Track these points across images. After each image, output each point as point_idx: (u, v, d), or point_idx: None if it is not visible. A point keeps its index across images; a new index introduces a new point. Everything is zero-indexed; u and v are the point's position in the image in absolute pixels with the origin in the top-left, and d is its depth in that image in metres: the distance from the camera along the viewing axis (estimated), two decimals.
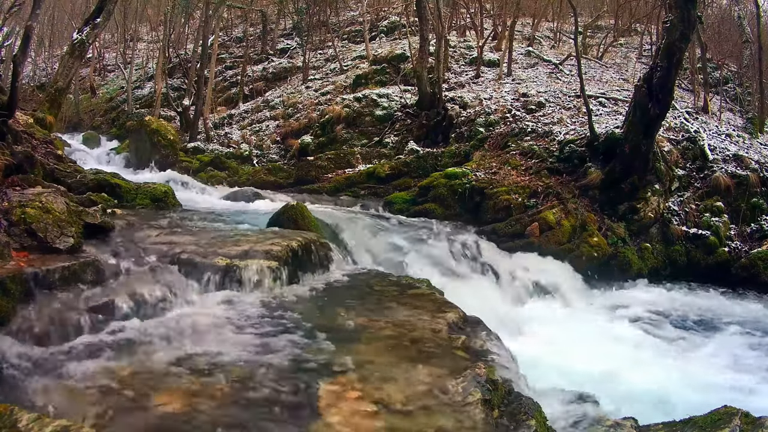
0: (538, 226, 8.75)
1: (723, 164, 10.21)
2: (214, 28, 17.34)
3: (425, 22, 13.07)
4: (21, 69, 6.94)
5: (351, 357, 3.39)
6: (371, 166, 12.03)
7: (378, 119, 13.14)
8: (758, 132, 12.27)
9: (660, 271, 9.24)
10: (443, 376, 3.19)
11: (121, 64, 24.05)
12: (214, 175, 12.39)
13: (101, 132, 18.81)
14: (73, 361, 3.13)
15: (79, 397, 2.79)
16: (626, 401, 4.64)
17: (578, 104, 11.87)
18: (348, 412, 2.80)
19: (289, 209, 6.45)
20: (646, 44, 17.49)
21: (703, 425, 3.37)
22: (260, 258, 4.63)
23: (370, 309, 4.31)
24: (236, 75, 18.95)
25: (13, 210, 4.08)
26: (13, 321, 3.29)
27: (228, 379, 3.04)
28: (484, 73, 14.77)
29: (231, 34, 23.46)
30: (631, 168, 9.21)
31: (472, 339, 3.89)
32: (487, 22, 18.37)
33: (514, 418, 3.00)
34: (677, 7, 8.45)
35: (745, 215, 9.61)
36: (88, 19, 9.39)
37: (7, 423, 2.20)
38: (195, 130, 14.65)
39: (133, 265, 4.29)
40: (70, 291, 3.67)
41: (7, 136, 5.84)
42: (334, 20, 21.24)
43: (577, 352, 5.75)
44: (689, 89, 14.60)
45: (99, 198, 6.16)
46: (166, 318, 3.81)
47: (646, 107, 8.77)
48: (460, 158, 11.36)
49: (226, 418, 2.71)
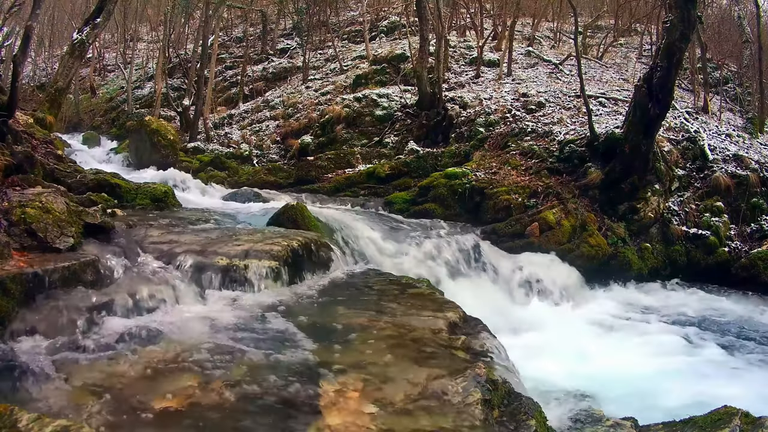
0: (538, 226, 8.75)
1: (723, 164, 10.20)
2: (214, 28, 17.34)
3: (425, 22, 13.07)
4: (21, 69, 6.94)
5: (351, 357, 3.39)
6: (371, 166, 12.02)
7: (378, 119, 13.14)
8: (758, 132, 12.26)
9: (660, 271, 9.23)
10: (443, 376, 3.19)
11: (121, 64, 24.06)
12: (214, 175, 12.38)
13: (101, 132, 18.83)
14: (73, 361, 3.14)
15: (79, 396, 2.79)
16: (626, 401, 4.65)
17: (578, 104, 11.87)
18: (348, 412, 2.81)
19: (289, 209, 6.45)
20: (646, 44, 17.49)
21: (703, 425, 3.37)
22: (260, 258, 4.64)
23: (370, 309, 4.31)
24: (236, 75, 18.96)
25: (13, 210, 4.08)
26: (14, 321, 3.29)
27: (228, 378, 3.04)
28: (484, 73, 14.77)
29: (231, 34, 23.47)
30: (631, 168, 9.21)
31: (472, 339, 3.89)
32: (487, 22, 18.37)
33: (514, 418, 3.00)
34: (677, 7, 8.45)
35: (745, 215, 9.60)
36: (88, 19, 9.40)
37: (7, 423, 2.19)
38: (195, 130, 14.65)
39: (133, 265, 4.29)
40: (70, 291, 3.67)
41: (7, 136, 5.85)
42: (334, 20, 21.24)
43: (577, 352, 5.77)
44: (689, 89, 14.60)
45: (99, 198, 6.17)
46: (166, 318, 3.82)
47: (646, 107, 8.77)
48: (460, 158, 11.36)
49: (227, 418, 2.71)
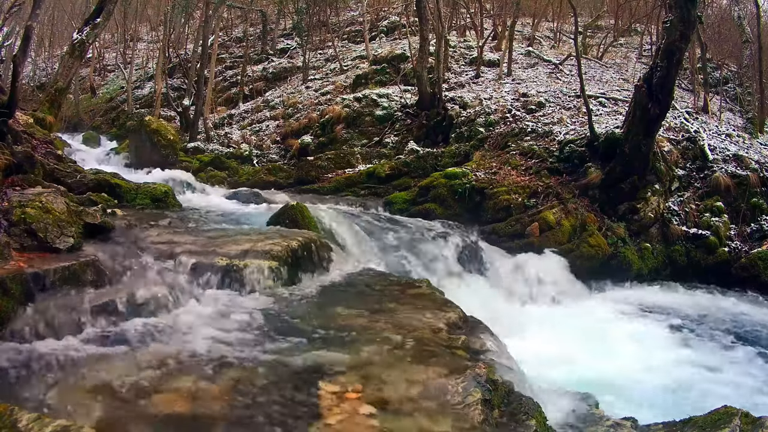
0: (538, 226, 8.74)
1: (723, 164, 10.19)
2: (214, 28, 17.33)
3: (425, 22, 13.07)
4: (21, 69, 6.94)
5: (351, 357, 3.39)
6: (371, 166, 12.02)
7: (378, 119, 13.14)
8: (758, 132, 12.26)
9: (660, 271, 9.22)
10: (443, 376, 3.19)
11: (121, 64, 24.06)
12: (214, 175, 12.38)
13: (101, 132, 18.82)
14: (74, 361, 3.13)
15: (79, 396, 2.79)
16: (626, 401, 4.65)
17: (578, 104, 11.87)
18: (348, 412, 2.80)
19: (289, 209, 6.45)
20: (646, 44, 17.49)
21: (703, 425, 3.37)
22: (260, 258, 4.64)
23: (370, 309, 4.31)
24: (236, 75, 18.96)
25: (13, 210, 4.08)
26: (14, 321, 3.29)
27: (228, 379, 3.04)
28: (484, 73, 14.77)
29: (231, 34, 23.48)
30: (631, 168, 9.20)
31: (472, 339, 3.89)
32: (487, 22, 18.38)
33: (514, 418, 3.00)
34: (677, 7, 8.44)
35: (745, 215, 9.59)
36: (88, 19, 9.41)
37: (7, 423, 2.19)
38: (195, 130, 14.65)
39: (133, 265, 4.29)
40: (70, 291, 3.67)
41: (7, 136, 5.84)
42: (334, 20, 21.24)
43: (577, 352, 5.76)
44: (689, 89, 14.59)
45: (99, 198, 6.18)
46: (166, 318, 3.82)
47: (646, 107, 8.77)
48: (460, 158, 11.35)
49: (226, 419, 2.71)
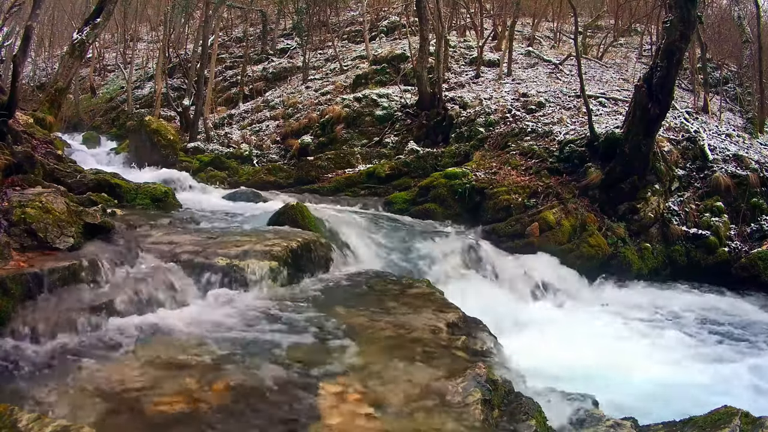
0: (538, 226, 8.74)
1: (723, 164, 10.19)
2: (214, 28, 17.33)
3: (425, 22, 13.07)
4: (21, 69, 6.94)
5: (351, 357, 3.39)
6: (371, 166, 12.02)
7: (378, 119, 13.13)
8: (758, 132, 12.25)
9: (660, 271, 9.22)
10: (443, 377, 3.19)
11: (121, 64, 24.05)
12: (214, 175, 12.38)
13: (101, 132, 18.82)
14: (74, 361, 3.13)
15: (79, 396, 2.79)
16: (626, 401, 4.64)
17: (578, 104, 11.86)
18: (348, 412, 2.81)
19: (289, 209, 6.45)
20: (646, 44, 17.49)
21: (703, 425, 3.37)
22: (260, 258, 4.64)
23: (370, 309, 4.31)
24: (236, 75, 18.95)
25: (13, 210, 4.08)
26: (14, 321, 3.29)
27: (228, 379, 3.04)
28: (484, 73, 14.77)
29: (231, 34, 23.47)
30: (631, 168, 9.20)
31: (471, 339, 3.90)
32: (487, 22, 18.37)
33: (514, 418, 3.00)
34: (677, 7, 8.44)
35: (745, 215, 9.59)
36: (88, 19, 9.41)
37: (7, 423, 2.20)
38: (195, 130, 14.64)
39: (133, 265, 4.29)
40: (70, 291, 3.67)
41: (7, 136, 5.84)
42: (334, 20, 21.24)
43: (577, 352, 5.75)
44: (689, 89, 14.59)
45: (99, 198, 6.18)
46: (166, 318, 3.82)
47: (646, 107, 8.76)
48: (460, 158, 11.35)
49: (226, 419, 2.71)
